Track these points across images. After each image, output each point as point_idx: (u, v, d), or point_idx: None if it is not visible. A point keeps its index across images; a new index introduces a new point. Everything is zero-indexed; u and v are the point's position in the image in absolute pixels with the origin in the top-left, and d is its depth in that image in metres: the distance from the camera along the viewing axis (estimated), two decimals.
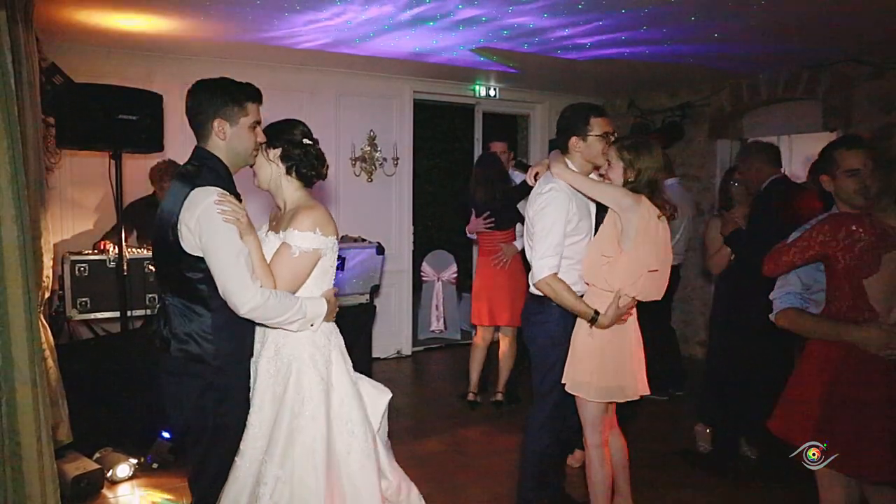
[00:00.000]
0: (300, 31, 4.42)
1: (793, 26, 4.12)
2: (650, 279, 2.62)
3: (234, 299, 2.00)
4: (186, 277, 2.06)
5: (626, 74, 5.76)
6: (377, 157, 6.00)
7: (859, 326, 2.19)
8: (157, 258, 2.21)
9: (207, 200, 2.01)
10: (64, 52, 4.45)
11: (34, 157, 3.14)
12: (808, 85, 5.37)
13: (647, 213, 2.58)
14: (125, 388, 3.76)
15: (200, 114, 2.12)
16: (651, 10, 3.79)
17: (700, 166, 6.28)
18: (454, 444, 4.22)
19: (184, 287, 2.09)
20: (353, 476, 2.17)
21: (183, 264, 2.05)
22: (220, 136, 2.12)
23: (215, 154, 2.14)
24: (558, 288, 2.69)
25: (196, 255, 2.03)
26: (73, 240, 4.77)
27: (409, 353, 6.44)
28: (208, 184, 2.06)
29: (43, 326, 3.19)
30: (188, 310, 2.09)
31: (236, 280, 1.99)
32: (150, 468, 3.66)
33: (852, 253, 2.18)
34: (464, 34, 4.44)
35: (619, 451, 2.97)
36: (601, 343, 2.68)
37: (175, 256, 2.05)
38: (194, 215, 2.00)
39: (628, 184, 2.62)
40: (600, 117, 2.78)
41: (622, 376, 2.70)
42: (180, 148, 4.84)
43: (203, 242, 2.01)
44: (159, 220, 2.11)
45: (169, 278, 2.15)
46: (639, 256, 2.58)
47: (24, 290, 2.53)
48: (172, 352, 2.09)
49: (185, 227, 2.02)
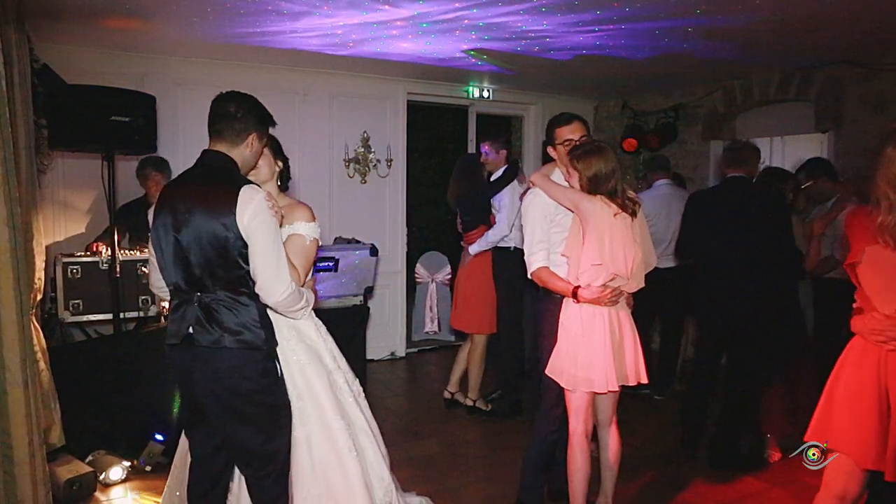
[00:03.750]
0: (293, 33, 4.41)
1: (788, 28, 4.14)
2: (596, 272, 2.75)
3: (274, 288, 2.19)
4: (239, 270, 2.18)
5: (619, 76, 5.77)
6: (371, 159, 6.00)
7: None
8: (199, 254, 2.16)
9: (258, 196, 2.17)
10: (56, 53, 4.43)
11: (26, 158, 3.14)
12: (801, 86, 5.41)
13: (598, 213, 2.75)
14: (118, 390, 3.75)
15: (242, 122, 2.28)
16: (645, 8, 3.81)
17: (693, 167, 6.31)
18: (449, 445, 4.22)
19: (233, 280, 2.19)
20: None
21: (238, 257, 2.16)
22: (249, 147, 2.31)
23: (235, 160, 2.30)
24: (545, 276, 2.91)
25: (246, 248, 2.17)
26: (65, 242, 4.76)
27: (403, 354, 6.43)
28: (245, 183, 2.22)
29: (35, 329, 3.17)
30: (235, 302, 2.19)
31: (277, 272, 2.19)
32: (142, 471, 3.65)
33: None
34: (458, 35, 4.44)
35: (613, 451, 2.99)
36: (577, 333, 2.81)
37: (229, 250, 2.15)
38: (248, 210, 2.14)
39: (585, 187, 2.80)
40: (565, 126, 3.00)
41: (591, 369, 2.78)
42: (173, 149, 4.85)
43: (252, 236, 2.15)
44: (201, 217, 2.15)
45: (215, 274, 2.18)
46: (585, 252, 2.77)
47: (16, 293, 2.53)
48: (228, 344, 2.17)
49: (240, 222, 2.13)
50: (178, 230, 2.18)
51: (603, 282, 2.76)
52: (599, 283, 2.76)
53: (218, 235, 2.14)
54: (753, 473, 3.77)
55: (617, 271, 2.76)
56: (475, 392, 4.77)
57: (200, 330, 2.17)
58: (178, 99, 5.15)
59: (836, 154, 5.16)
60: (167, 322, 2.32)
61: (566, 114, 3.08)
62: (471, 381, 4.77)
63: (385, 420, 2.64)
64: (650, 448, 4.16)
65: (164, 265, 2.27)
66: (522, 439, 4.23)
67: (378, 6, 3.75)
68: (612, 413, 2.97)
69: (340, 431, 2.51)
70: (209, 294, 2.19)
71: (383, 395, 5.24)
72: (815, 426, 2.27)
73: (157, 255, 2.29)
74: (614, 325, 2.81)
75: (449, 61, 5.24)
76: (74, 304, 3.86)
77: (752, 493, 3.56)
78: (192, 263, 2.18)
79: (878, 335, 2.13)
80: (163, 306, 4.11)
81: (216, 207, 2.15)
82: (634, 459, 3.95)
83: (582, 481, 2.91)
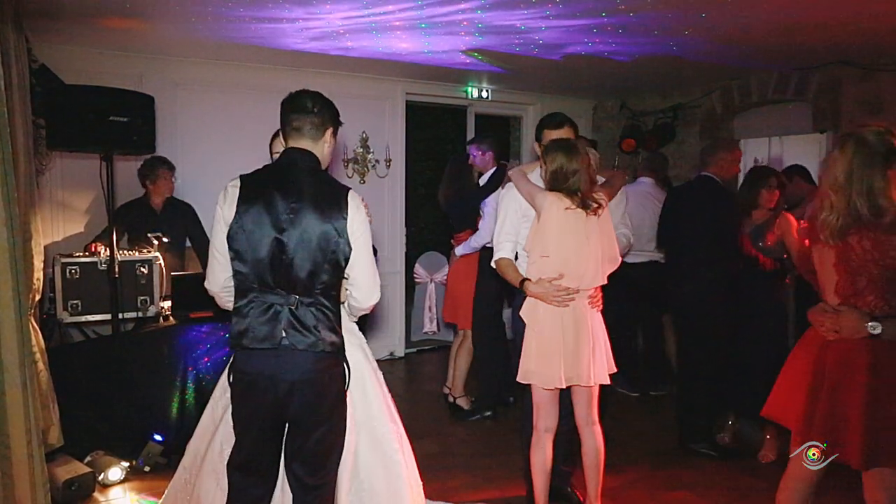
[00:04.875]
0: (292, 33, 4.42)
1: (785, 29, 4.15)
2: (544, 263, 2.82)
3: (372, 294, 2.30)
4: (340, 274, 2.22)
5: (617, 76, 5.78)
6: (370, 159, 6.00)
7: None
8: (305, 256, 2.12)
9: (361, 203, 2.24)
10: (54, 53, 4.43)
11: (24, 158, 3.13)
12: (798, 87, 5.42)
13: (550, 207, 2.81)
14: (116, 390, 3.75)
15: (320, 116, 2.28)
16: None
17: (691, 168, 6.31)
18: (447, 445, 4.22)
19: (332, 284, 2.20)
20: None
21: (343, 262, 2.19)
22: (328, 142, 2.32)
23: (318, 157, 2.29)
24: (502, 265, 3.06)
25: (350, 253, 2.19)
26: (64, 242, 4.75)
27: (402, 354, 6.44)
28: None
29: (33, 329, 3.17)
30: (328, 306, 2.19)
31: (374, 277, 2.29)
32: (141, 471, 3.65)
33: None
34: (456, 35, 4.45)
35: (591, 450, 2.98)
36: (530, 327, 2.87)
37: (338, 254, 2.17)
38: (357, 215, 2.20)
39: (547, 181, 2.90)
40: (554, 130, 3.08)
41: (544, 363, 2.81)
42: (171, 149, 4.85)
43: (357, 242, 2.20)
44: (312, 219, 2.13)
45: (319, 277, 2.15)
46: (532, 243, 2.87)
47: (15, 293, 2.53)
48: (324, 348, 2.17)
49: (350, 227, 2.17)
50: (279, 230, 2.11)
51: (550, 277, 2.79)
52: (546, 276, 2.80)
53: (329, 239, 2.14)
54: (752, 473, 3.78)
55: (565, 267, 2.79)
56: (458, 389, 4.79)
57: (295, 333, 2.12)
58: (177, 99, 5.15)
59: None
60: (238, 325, 2.16)
61: (558, 116, 3.12)
62: (456, 378, 4.80)
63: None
64: (645, 447, 4.16)
65: (248, 263, 2.13)
66: (520, 439, 4.24)
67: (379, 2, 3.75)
68: (587, 411, 2.96)
69: (387, 437, 2.54)
70: (308, 297, 2.15)
71: None
72: (769, 401, 2.46)
73: (233, 253, 2.15)
74: (568, 323, 2.81)
75: (448, 61, 5.25)
76: (73, 304, 3.86)
77: (750, 493, 3.57)
78: (295, 265, 2.12)
79: (819, 325, 2.29)
80: (162, 307, 4.11)
81: (328, 210, 2.14)
82: (631, 459, 3.96)
83: (542, 478, 2.95)
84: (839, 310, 2.24)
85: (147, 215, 4.54)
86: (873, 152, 2.20)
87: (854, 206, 2.18)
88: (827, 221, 2.24)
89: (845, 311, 2.22)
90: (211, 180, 5.23)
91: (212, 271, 2.26)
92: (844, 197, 2.20)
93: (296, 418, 2.19)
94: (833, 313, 2.25)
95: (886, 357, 2.17)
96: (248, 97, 5.38)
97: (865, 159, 2.20)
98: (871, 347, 2.17)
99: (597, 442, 2.97)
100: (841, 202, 2.21)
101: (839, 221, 2.21)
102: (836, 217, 2.21)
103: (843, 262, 2.23)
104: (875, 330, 2.15)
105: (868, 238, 2.16)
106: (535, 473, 2.97)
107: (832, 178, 2.25)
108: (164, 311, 4.12)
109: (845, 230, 2.20)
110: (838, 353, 2.24)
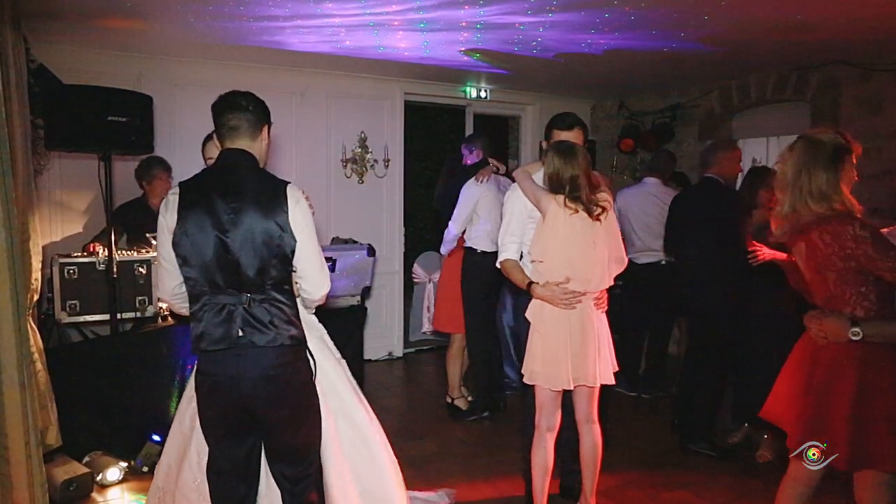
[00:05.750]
0: (290, 33, 4.41)
1: (784, 29, 4.15)
2: (550, 267, 2.82)
3: (321, 284, 2.30)
4: (289, 268, 2.22)
5: (616, 76, 5.78)
6: (368, 159, 6.00)
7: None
8: (251, 255, 2.14)
9: (301, 194, 2.23)
10: (53, 53, 4.43)
11: (23, 158, 3.13)
12: (797, 87, 5.42)
13: (556, 212, 2.81)
14: (115, 391, 3.74)
15: (254, 114, 2.26)
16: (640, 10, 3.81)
17: (690, 167, 6.31)
18: (446, 445, 4.22)
19: (283, 279, 2.22)
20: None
21: (290, 255, 2.20)
22: (265, 139, 2.32)
23: (255, 156, 2.29)
24: (508, 267, 3.03)
25: (295, 246, 2.20)
26: (62, 242, 4.75)
27: (401, 354, 6.44)
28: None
29: (32, 329, 3.16)
30: (278, 301, 2.20)
31: (321, 268, 2.28)
32: (139, 471, 3.64)
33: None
34: (455, 35, 4.45)
35: (589, 448, 2.99)
36: (537, 328, 2.87)
37: (283, 249, 2.17)
38: (298, 208, 2.19)
39: (546, 183, 2.89)
40: (564, 131, 3.04)
41: (550, 364, 2.82)
42: (169, 150, 4.85)
43: (301, 235, 2.19)
44: (253, 217, 2.14)
45: (268, 273, 2.17)
46: (536, 246, 2.88)
47: (13, 293, 2.53)
48: (284, 342, 2.19)
49: (292, 221, 2.17)
50: (223, 231, 2.12)
51: (557, 280, 2.80)
52: (553, 279, 2.80)
53: (273, 235, 2.15)
54: (751, 473, 3.78)
55: (572, 271, 2.79)
56: (455, 390, 4.79)
57: (253, 331, 2.15)
58: (176, 99, 5.14)
59: None
60: (195, 329, 2.16)
61: (569, 118, 3.10)
62: (449, 379, 4.81)
63: (382, 420, 2.65)
64: (643, 447, 4.17)
65: (196, 268, 2.15)
66: (520, 439, 4.24)
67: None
68: (589, 410, 2.97)
69: (363, 421, 2.59)
70: (260, 294, 2.17)
71: (381, 395, 5.24)
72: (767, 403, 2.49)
73: (180, 259, 2.16)
74: (574, 324, 2.81)
75: (446, 61, 5.25)
76: (71, 304, 3.85)
77: (748, 493, 3.57)
78: (242, 264, 2.14)
79: (810, 330, 2.34)
80: (160, 307, 4.10)
81: (268, 207, 2.15)
82: (629, 458, 3.96)
83: (542, 477, 2.97)
84: (825, 315, 2.28)
85: (145, 215, 4.52)
86: (821, 150, 2.26)
87: (805, 203, 2.25)
88: (784, 218, 2.32)
89: (829, 315, 2.26)
90: None
91: (160, 280, 2.31)
92: (793, 195, 2.28)
93: (265, 415, 2.21)
94: (819, 318, 2.29)
95: (871, 361, 2.19)
96: None
97: (813, 157, 2.26)
98: (857, 352, 2.20)
99: (595, 440, 2.98)
100: (790, 200, 2.28)
101: (795, 218, 2.29)
102: (790, 212, 2.30)
103: (811, 260, 2.28)
104: (856, 336, 2.18)
105: (827, 232, 2.21)
106: (535, 472, 2.98)
107: (781, 177, 2.34)
108: (162, 311, 4.11)
109: (805, 227, 2.26)
110: (827, 356, 2.27)
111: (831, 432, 2.20)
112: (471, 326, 4.60)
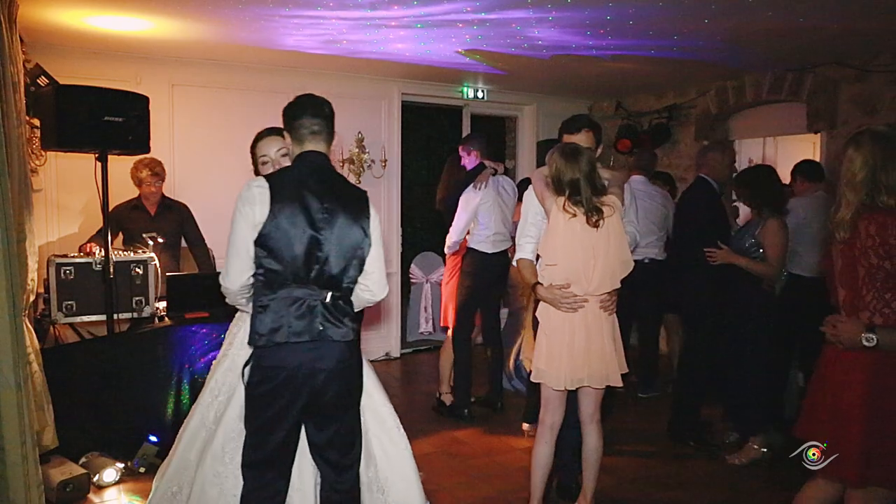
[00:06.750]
0: (288, 33, 4.41)
1: (780, 30, 4.16)
2: (553, 270, 2.85)
3: (383, 290, 2.39)
4: (361, 271, 2.33)
5: (613, 76, 5.79)
6: (365, 159, 5.99)
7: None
8: (339, 255, 2.25)
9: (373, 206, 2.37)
10: (49, 53, 4.41)
11: (18, 159, 3.12)
12: (793, 87, 5.43)
13: (557, 215, 2.83)
14: (111, 391, 3.73)
15: (332, 123, 2.38)
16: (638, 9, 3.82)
17: (687, 168, 6.33)
18: (444, 445, 4.22)
19: (355, 280, 2.33)
20: None
21: (366, 259, 2.32)
22: (331, 143, 2.41)
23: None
24: (521, 266, 3.09)
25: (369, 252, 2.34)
26: (58, 242, 4.74)
27: (398, 355, 6.44)
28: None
29: (28, 330, 3.16)
30: (347, 300, 2.33)
31: (384, 274, 2.40)
32: (136, 472, 3.64)
33: None
34: (452, 36, 4.45)
35: (591, 448, 3.00)
36: (545, 329, 2.90)
37: (363, 252, 2.31)
38: (376, 218, 2.35)
39: (549, 185, 2.90)
40: (574, 134, 3.08)
41: (553, 365, 2.83)
42: (166, 150, 4.84)
43: (374, 242, 2.33)
44: (344, 220, 2.25)
45: (348, 273, 2.30)
46: (543, 249, 2.91)
47: (9, 294, 2.52)
48: (353, 337, 2.32)
49: (371, 228, 2.32)
50: (316, 229, 2.20)
51: (558, 284, 2.81)
52: (556, 282, 2.82)
53: (357, 239, 2.28)
54: (749, 474, 3.79)
55: (573, 275, 2.80)
56: (444, 386, 4.81)
57: (330, 325, 2.24)
58: (173, 99, 5.13)
59: (829, 155, 5.18)
60: (266, 321, 2.19)
61: (578, 121, 3.11)
62: (440, 375, 4.84)
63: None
64: (641, 447, 4.17)
65: (282, 261, 2.18)
66: (518, 439, 4.24)
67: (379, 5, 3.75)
68: (593, 410, 2.98)
69: (389, 415, 2.67)
70: (338, 291, 2.28)
71: None
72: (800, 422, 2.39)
73: (265, 251, 2.17)
74: (579, 327, 2.82)
75: (444, 62, 5.25)
76: (67, 305, 3.84)
77: (745, 493, 3.58)
78: (329, 262, 2.23)
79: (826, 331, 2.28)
80: (157, 307, 4.09)
81: (356, 212, 2.28)
82: (626, 458, 3.96)
83: (542, 472, 2.99)
84: (841, 319, 2.22)
85: (142, 216, 4.52)
86: (892, 143, 2.16)
87: (879, 198, 2.14)
88: (840, 217, 2.21)
89: (846, 319, 2.20)
90: (205, 180, 5.24)
91: (233, 270, 2.25)
92: (862, 192, 2.16)
93: (329, 406, 2.29)
94: (835, 321, 2.23)
95: (883, 372, 2.12)
96: (243, 97, 5.37)
97: (886, 151, 2.15)
98: (869, 362, 2.13)
99: (597, 439, 3.00)
100: (857, 198, 2.17)
101: (851, 214, 2.18)
102: (848, 212, 2.19)
103: (849, 248, 2.19)
104: (870, 342, 2.10)
105: (875, 222, 2.12)
106: (534, 467, 3.00)
107: (849, 175, 2.20)
108: (159, 311, 4.11)
109: (856, 219, 2.17)
110: (841, 367, 2.22)
111: (844, 445, 2.14)
112: (459, 325, 4.63)
